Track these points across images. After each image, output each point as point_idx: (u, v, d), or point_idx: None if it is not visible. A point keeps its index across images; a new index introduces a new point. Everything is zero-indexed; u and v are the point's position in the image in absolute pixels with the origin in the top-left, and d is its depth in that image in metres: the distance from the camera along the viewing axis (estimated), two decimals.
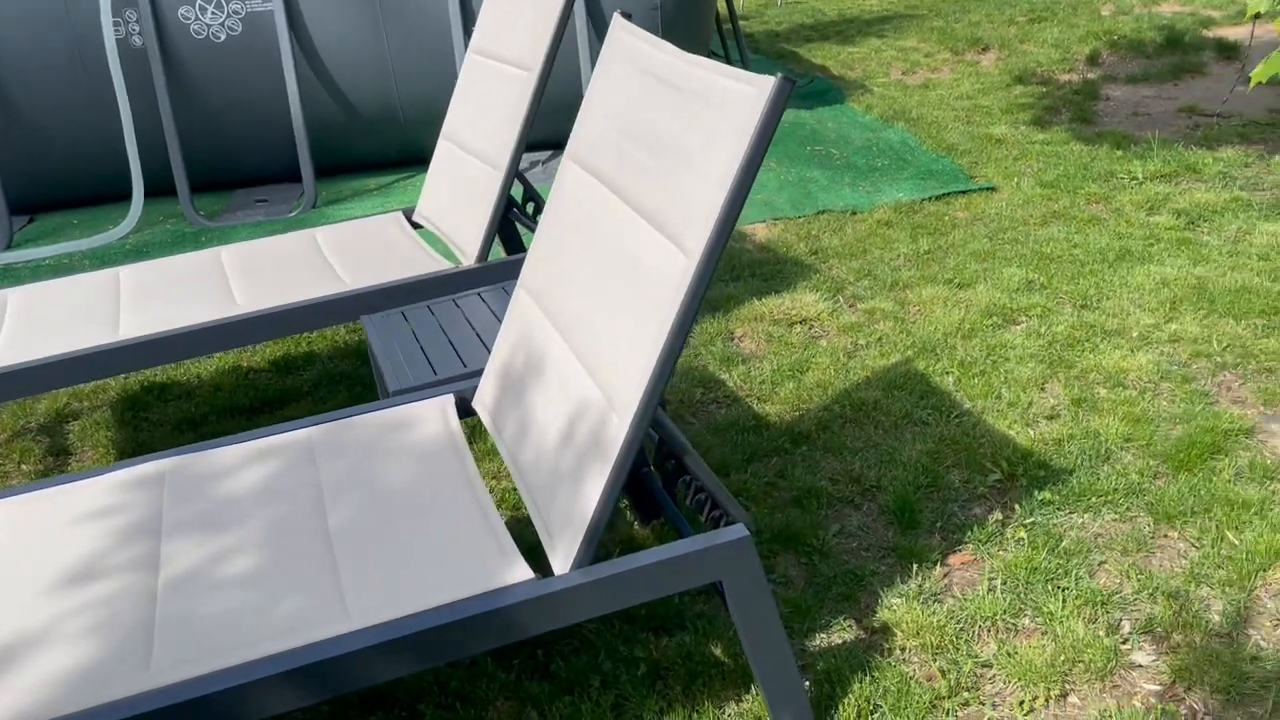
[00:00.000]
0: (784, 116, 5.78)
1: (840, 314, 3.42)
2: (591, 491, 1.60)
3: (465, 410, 2.16)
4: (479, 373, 2.22)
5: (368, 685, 1.48)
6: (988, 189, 4.47)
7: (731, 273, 3.83)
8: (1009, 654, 1.99)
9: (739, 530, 1.65)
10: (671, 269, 1.55)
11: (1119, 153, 4.78)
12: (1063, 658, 1.97)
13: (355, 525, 1.75)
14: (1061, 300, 3.39)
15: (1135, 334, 3.12)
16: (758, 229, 4.25)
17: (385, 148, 5.13)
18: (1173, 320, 3.19)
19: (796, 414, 2.85)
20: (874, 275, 3.70)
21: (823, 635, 2.09)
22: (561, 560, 1.62)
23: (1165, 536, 2.28)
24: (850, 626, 2.10)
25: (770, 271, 3.80)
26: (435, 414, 2.07)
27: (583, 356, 1.75)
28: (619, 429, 1.58)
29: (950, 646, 2.03)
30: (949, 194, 4.43)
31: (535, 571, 1.63)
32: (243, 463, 1.93)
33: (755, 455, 2.67)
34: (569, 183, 1.97)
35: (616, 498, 1.59)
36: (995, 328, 3.23)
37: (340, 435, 2.02)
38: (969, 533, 2.34)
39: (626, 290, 1.66)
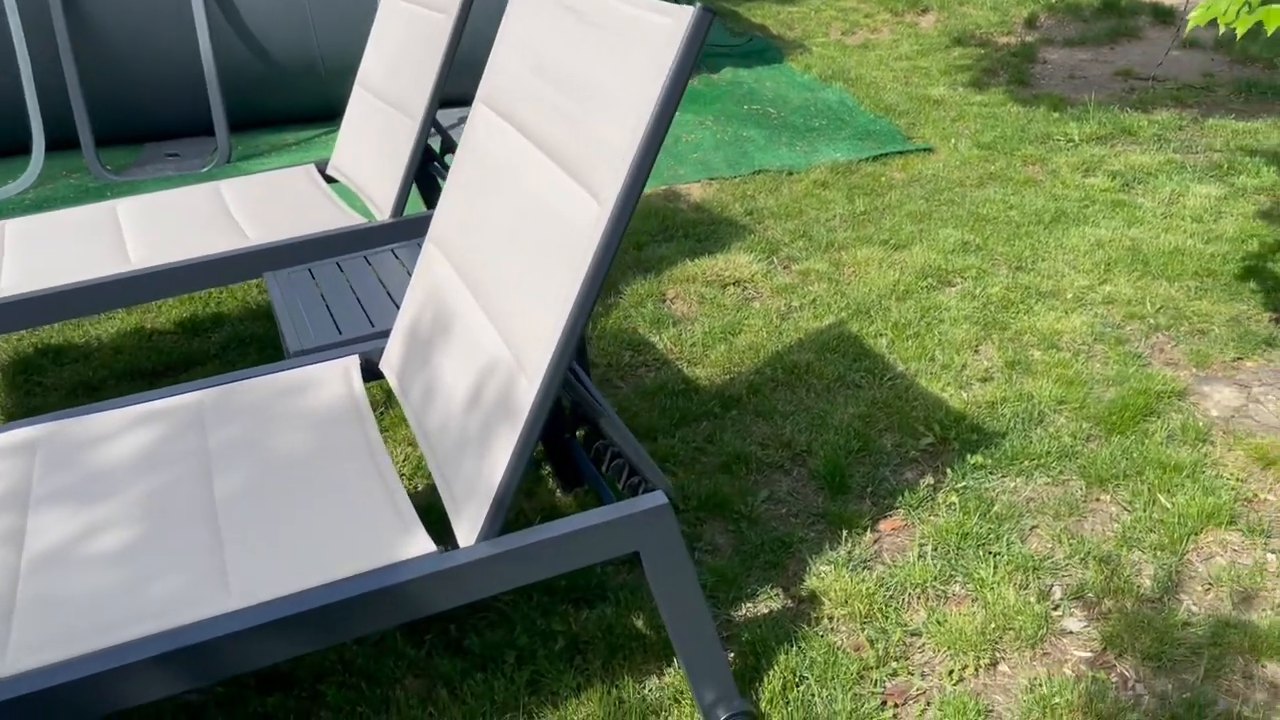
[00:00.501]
0: (721, 75, 5.66)
1: (774, 275, 3.33)
2: (498, 458, 1.49)
3: (374, 373, 2.03)
4: (388, 333, 2.09)
5: (250, 669, 1.36)
6: (925, 150, 4.41)
7: (665, 233, 3.72)
8: (939, 622, 1.93)
9: (657, 497, 1.55)
10: (584, 218, 1.44)
11: (1055, 115, 4.74)
12: (993, 625, 1.91)
13: (243, 496, 1.62)
14: (997, 262, 3.33)
15: (1070, 295, 3.08)
16: (693, 188, 4.14)
17: (305, 100, 4.91)
18: (1107, 282, 3.15)
19: (727, 377, 2.76)
20: (809, 236, 3.61)
21: (749, 605, 2.01)
22: (466, 531, 1.51)
23: (1097, 500, 2.23)
24: (777, 595, 2.02)
25: (704, 232, 3.70)
26: (337, 376, 1.94)
27: (492, 314, 1.63)
28: (527, 392, 1.47)
29: (879, 615, 1.96)
30: (886, 155, 4.36)
31: (440, 544, 1.51)
32: (123, 429, 1.78)
33: (684, 420, 2.58)
34: (479, 127, 1.84)
35: (526, 465, 1.48)
36: (930, 289, 3.17)
37: (232, 399, 1.88)
38: (900, 498, 2.27)
39: (537, 242, 1.54)
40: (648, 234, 3.71)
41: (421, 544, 1.50)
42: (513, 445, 1.47)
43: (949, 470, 2.35)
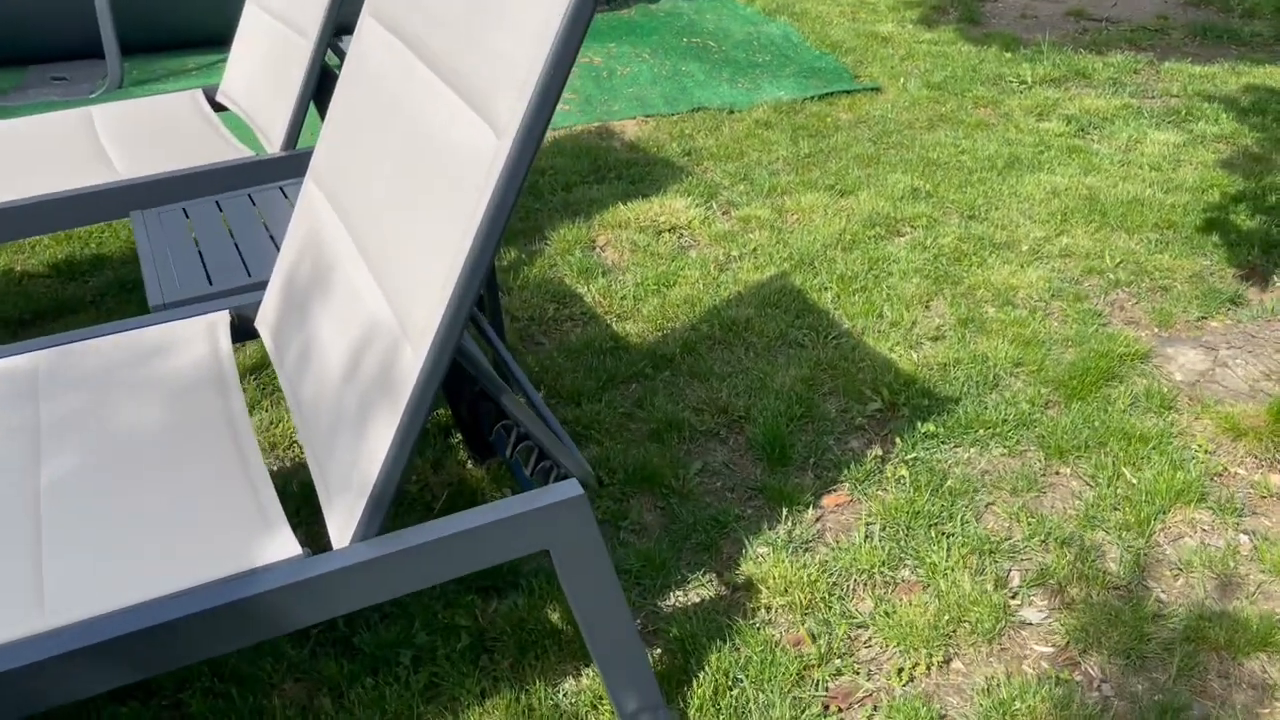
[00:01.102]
0: (660, 5, 5.34)
1: (713, 222, 3.09)
2: (377, 444, 1.24)
3: (250, 331, 1.76)
4: (266, 284, 1.81)
5: (62, 703, 1.11)
6: (872, 89, 4.17)
7: (596, 173, 3.45)
8: (886, 613, 1.74)
9: (571, 487, 1.31)
10: (480, 152, 1.18)
11: (1008, 55, 4.53)
12: (946, 617, 1.73)
13: (74, 483, 1.35)
14: (948, 210, 3.13)
15: (1025, 248, 2.89)
16: (627, 126, 3.86)
17: (207, 21, 4.50)
18: (1064, 233, 2.97)
19: (660, 334, 2.53)
20: (751, 180, 3.37)
21: (678, 593, 1.80)
22: (339, 530, 1.26)
23: (1057, 474, 2.06)
24: (710, 582, 1.82)
25: (639, 173, 3.43)
26: (200, 335, 1.66)
27: (375, 267, 1.37)
28: (412, 364, 1.21)
29: (822, 604, 1.76)
30: (832, 94, 4.12)
31: (311, 547, 1.26)
32: None
33: (612, 381, 2.35)
34: (366, 43, 1.56)
35: (411, 452, 1.23)
36: (878, 239, 2.96)
37: (75, 362, 1.59)
38: (845, 470, 2.07)
39: (428, 180, 1.27)
40: (578, 174, 3.44)
41: (283, 546, 1.25)
42: (394, 429, 1.22)
43: (898, 439, 2.15)
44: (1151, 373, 2.35)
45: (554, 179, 3.39)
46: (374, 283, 1.36)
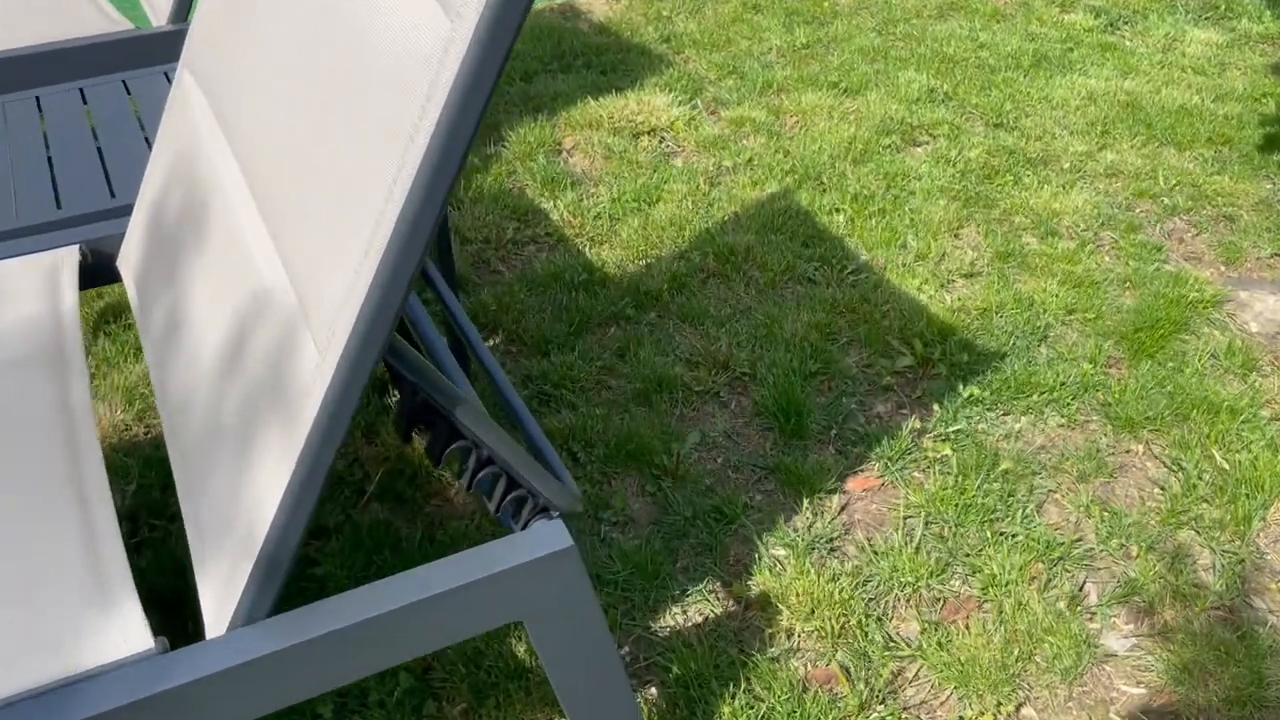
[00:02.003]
0: None
1: (699, 123, 2.63)
2: (268, 482, 0.83)
3: (111, 271, 1.31)
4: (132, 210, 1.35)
5: None
6: None
7: (560, 61, 2.95)
8: (939, 644, 1.39)
9: (554, 534, 0.92)
10: (426, 44, 0.73)
11: None
12: (1015, 651, 1.38)
13: None
14: (972, 116, 2.70)
15: (1066, 164, 2.49)
16: (595, 4, 3.34)
17: None
18: (1107, 147, 2.57)
19: (643, 264, 2.10)
20: (741, 73, 2.90)
21: (676, 613, 1.43)
22: (215, 607, 0.86)
23: (1128, 452, 1.70)
24: (715, 597, 1.45)
25: (610, 62, 2.94)
26: (36, 284, 1.21)
27: (270, 213, 0.93)
28: (317, 371, 0.79)
29: (857, 630, 1.41)
30: None
31: (175, 631, 0.86)
32: None
33: (586, 325, 1.93)
34: None
35: (319, 493, 0.82)
36: (893, 149, 2.53)
37: None
38: (874, 445, 1.70)
39: (349, 86, 0.82)
40: (538, 61, 2.94)
41: (129, 635, 0.84)
42: (290, 465, 0.80)
43: (935, 405, 1.78)
44: (1224, 322, 1.98)
45: (510, 65, 2.89)
46: (268, 237, 0.92)
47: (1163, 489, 1.63)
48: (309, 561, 1.45)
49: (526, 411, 1.09)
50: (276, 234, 0.90)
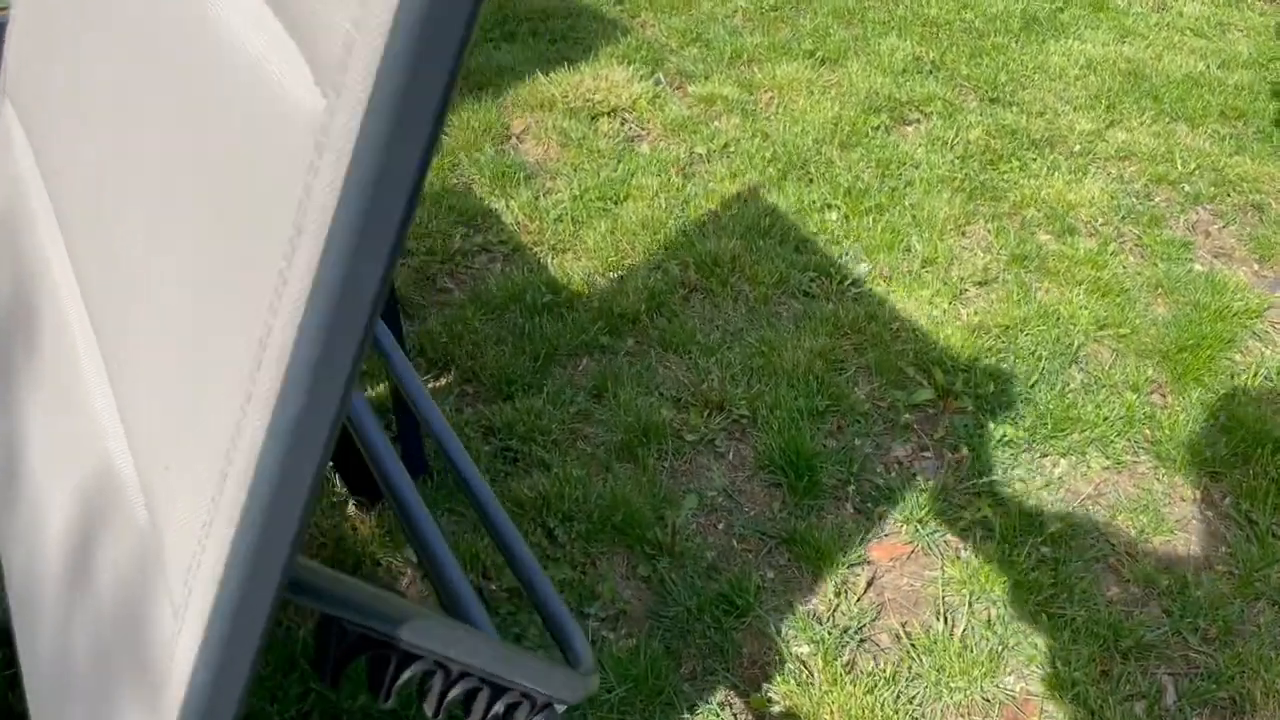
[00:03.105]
0: None
1: (665, 102, 2.34)
2: None
3: None
4: None
5: None
6: None
7: (502, 28, 2.62)
8: None
9: None
10: (292, 138, 0.43)
11: None
12: None
13: None
14: (964, 90, 2.45)
15: (1074, 146, 2.25)
16: None
17: None
18: (1115, 124, 2.33)
19: (614, 277, 1.82)
20: (705, 40, 2.61)
21: None
22: None
23: (1186, 500, 1.49)
24: (732, 717, 1.20)
25: (559, 29, 2.62)
26: None
27: (111, 353, 0.63)
28: (177, 652, 0.50)
29: None
30: None
31: None
32: None
33: (554, 355, 1.65)
34: None
35: None
36: (883, 130, 2.27)
37: None
38: (898, 501, 1.46)
39: (191, 186, 0.52)
40: (479, 28, 2.60)
41: None
42: None
43: (964, 448, 1.54)
44: (1270, 334, 1.77)
45: None
46: (108, 384, 0.62)
47: (1231, 551, 1.41)
48: None
49: (528, 553, 0.82)
50: (118, 387, 0.61)
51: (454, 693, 0.68)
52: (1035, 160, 2.18)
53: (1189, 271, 1.90)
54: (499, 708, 0.71)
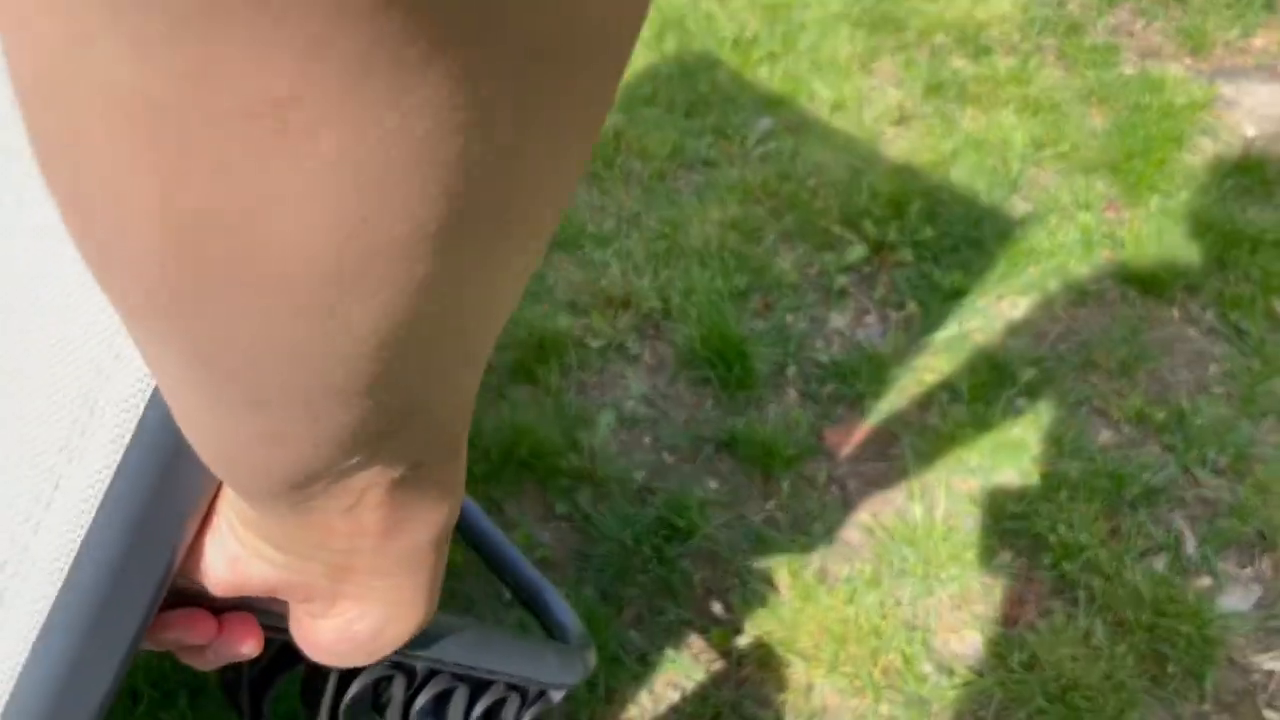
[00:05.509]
0: None
1: None
2: None
3: None
4: None
5: None
6: None
7: None
8: (1020, 662, 0.98)
9: None
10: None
11: None
12: (1130, 660, 0.98)
13: None
14: None
15: None
16: None
17: None
18: None
19: None
20: None
21: (643, 697, 0.97)
22: None
23: (1162, 322, 1.31)
24: (692, 659, 1.00)
25: None
26: None
27: None
28: None
29: (905, 671, 0.98)
30: None
31: None
32: None
33: None
34: None
35: None
36: None
37: None
38: (848, 375, 1.25)
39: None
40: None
41: None
42: None
43: (909, 303, 1.34)
44: (1219, 126, 1.59)
45: None
46: None
47: (1226, 368, 1.24)
48: None
49: (476, 509, 0.60)
50: None
51: (421, 700, 0.47)
52: None
53: (1119, 76, 1.71)
54: (479, 710, 0.50)
